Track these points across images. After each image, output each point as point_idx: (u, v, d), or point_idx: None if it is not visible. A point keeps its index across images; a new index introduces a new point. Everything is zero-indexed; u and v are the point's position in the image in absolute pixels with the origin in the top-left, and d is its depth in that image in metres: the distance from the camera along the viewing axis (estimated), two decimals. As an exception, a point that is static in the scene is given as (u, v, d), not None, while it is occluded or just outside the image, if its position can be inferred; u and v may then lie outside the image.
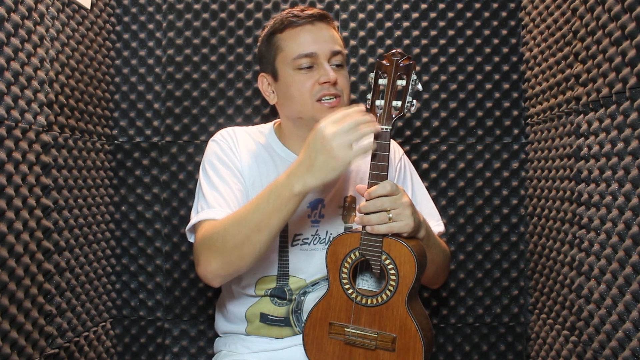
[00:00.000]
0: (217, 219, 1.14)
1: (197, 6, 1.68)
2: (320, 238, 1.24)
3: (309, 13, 1.20)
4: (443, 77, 1.66)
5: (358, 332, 1.06)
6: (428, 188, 1.51)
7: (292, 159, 1.25)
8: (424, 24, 1.66)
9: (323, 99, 1.17)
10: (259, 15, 1.68)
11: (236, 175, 1.22)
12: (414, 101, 1.04)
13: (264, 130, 1.32)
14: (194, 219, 1.18)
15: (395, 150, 1.37)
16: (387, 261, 1.04)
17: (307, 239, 1.24)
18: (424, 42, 1.66)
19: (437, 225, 1.32)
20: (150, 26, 1.70)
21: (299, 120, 1.23)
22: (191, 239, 1.23)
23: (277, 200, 1.02)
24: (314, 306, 1.11)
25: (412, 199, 1.32)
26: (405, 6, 1.67)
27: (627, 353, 1.07)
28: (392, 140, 1.39)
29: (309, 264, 1.23)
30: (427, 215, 1.30)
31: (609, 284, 1.15)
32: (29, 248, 1.21)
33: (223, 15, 1.68)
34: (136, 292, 1.71)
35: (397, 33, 1.67)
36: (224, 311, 1.32)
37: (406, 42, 1.67)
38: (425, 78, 1.66)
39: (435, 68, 1.66)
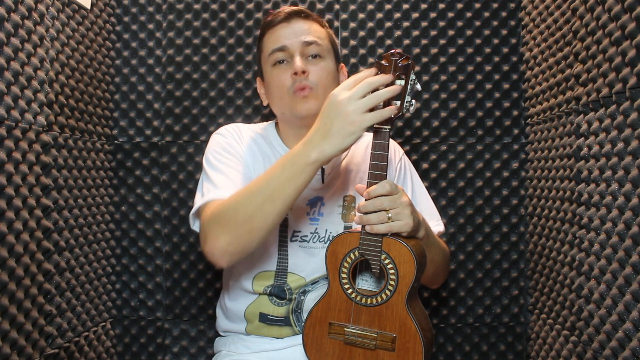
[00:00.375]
0: (225, 198, 1.09)
1: (197, 6, 1.69)
2: (319, 236, 1.24)
3: (285, 12, 1.21)
4: (443, 77, 1.66)
5: (358, 331, 1.06)
6: (428, 188, 1.51)
7: None
8: (424, 24, 1.66)
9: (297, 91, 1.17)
10: (259, 15, 1.68)
11: (241, 160, 1.21)
12: (413, 101, 1.03)
13: (265, 127, 1.33)
14: (199, 201, 1.14)
15: (396, 150, 1.37)
16: (387, 261, 1.04)
17: (306, 236, 1.24)
18: (424, 42, 1.66)
19: (437, 225, 1.32)
20: (150, 26, 1.70)
21: (284, 116, 1.24)
22: (194, 226, 1.19)
23: (292, 169, 0.99)
24: (313, 306, 1.11)
25: (412, 199, 1.32)
26: (405, 6, 1.67)
27: (627, 353, 1.06)
28: (392, 141, 1.40)
29: (308, 262, 1.23)
30: (427, 215, 1.30)
31: (609, 284, 1.15)
32: (29, 248, 1.21)
33: (223, 15, 1.68)
34: (136, 292, 1.71)
35: (397, 33, 1.67)
36: (224, 309, 1.32)
37: (406, 42, 1.67)
38: (425, 78, 1.66)
39: (435, 68, 1.66)
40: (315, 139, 0.98)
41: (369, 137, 1.34)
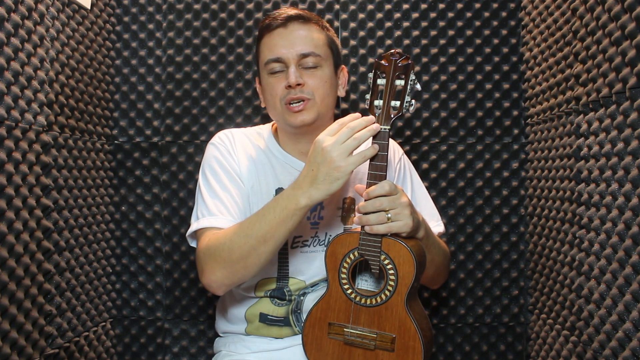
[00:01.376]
0: (220, 228, 1.15)
1: (197, 6, 1.69)
2: (319, 240, 1.24)
3: (284, 15, 1.19)
4: (443, 77, 1.66)
5: (357, 332, 1.06)
6: (428, 188, 1.51)
7: (289, 160, 1.25)
8: (424, 24, 1.66)
9: (291, 103, 1.17)
10: (259, 15, 1.68)
11: (235, 180, 1.22)
12: (413, 101, 1.04)
13: (262, 131, 1.32)
14: (194, 225, 1.19)
15: (395, 150, 1.37)
16: (386, 261, 1.04)
17: (307, 241, 1.24)
18: (424, 42, 1.66)
19: (437, 225, 1.32)
20: (150, 26, 1.70)
21: (279, 123, 1.25)
22: (192, 244, 1.24)
23: (283, 213, 1.04)
24: (313, 306, 1.11)
25: (412, 199, 1.32)
26: (405, 6, 1.67)
27: (627, 353, 1.06)
28: (392, 141, 1.40)
29: (309, 266, 1.23)
30: (427, 215, 1.30)
31: (609, 284, 1.15)
32: (29, 248, 1.21)
33: (223, 15, 1.68)
34: (136, 292, 1.71)
35: (397, 33, 1.67)
36: (224, 312, 1.32)
37: (406, 42, 1.66)
38: (425, 78, 1.66)
39: (435, 68, 1.66)
40: (304, 184, 1.03)
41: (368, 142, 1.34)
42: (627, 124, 1.09)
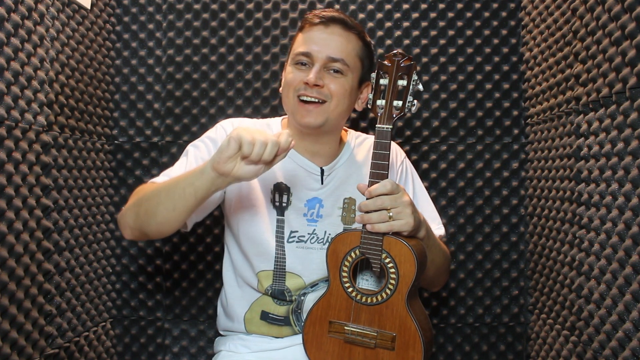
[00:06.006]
0: None
1: (197, 6, 1.68)
2: (318, 237, 1.24)
3: (327, 15, 1.20)
4: (443, 77, 1.66)
5: (358, 330, 1.06)
6: (428, 188, 1.51)
7: (294, 156, 1.25)
8: (424, 24, 1.66)
9: (302, 97, 1.17)
10: (259, 15, 1.68)
11: None
12: (415, 101, 1.04)
13: (272, 124, 1.32)
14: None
15: (397, 152, 1.37)
16: (387, 260, 1.04)
17: (304, 236, 1.24)
18: (424, 42, 1.66)
19: (437, 228, 1.32)
20: (150, 26, 1.70)
21: (288, 114, 1.25)
22: None
23: (194, 172, 1.04)
24: (314, 304, 1.11)
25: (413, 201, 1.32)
26: (405, 6, 1.67)
27: (627, 353, 1.07)
28: (394, 144, 1.40)
29: (305, 263, 1.23)
30: (428, 218, 1.30)
31: (609, 284, 1.15)
32: (29, 248, 1.21)
33: (223, 15, 1.68)
34: (136, 292, 1.71)
35: (397, 33, 1.67)
36: (226, 307, 1.31)
37: (406, 42, 1.67)
38: (425, 78, 1.66)
39: (435, 68, 1.66)
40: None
41: (370, 140, 1.34)
42: (627, 124, 1.09)
